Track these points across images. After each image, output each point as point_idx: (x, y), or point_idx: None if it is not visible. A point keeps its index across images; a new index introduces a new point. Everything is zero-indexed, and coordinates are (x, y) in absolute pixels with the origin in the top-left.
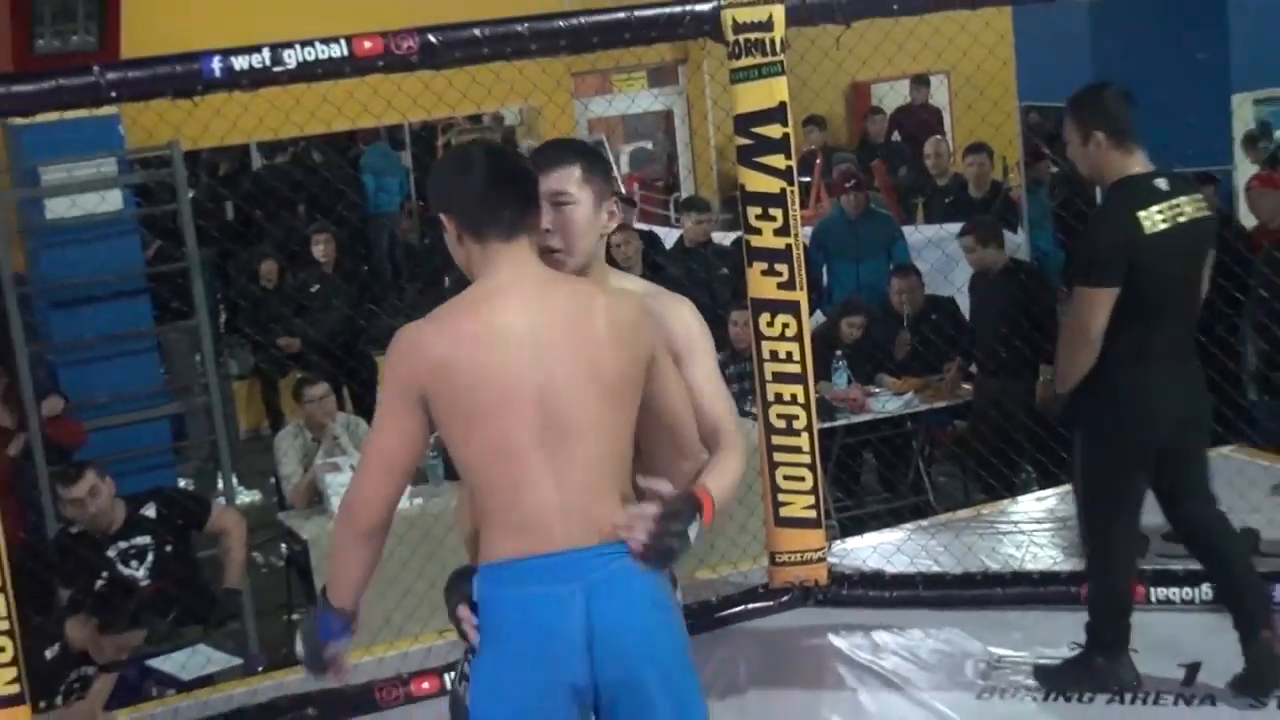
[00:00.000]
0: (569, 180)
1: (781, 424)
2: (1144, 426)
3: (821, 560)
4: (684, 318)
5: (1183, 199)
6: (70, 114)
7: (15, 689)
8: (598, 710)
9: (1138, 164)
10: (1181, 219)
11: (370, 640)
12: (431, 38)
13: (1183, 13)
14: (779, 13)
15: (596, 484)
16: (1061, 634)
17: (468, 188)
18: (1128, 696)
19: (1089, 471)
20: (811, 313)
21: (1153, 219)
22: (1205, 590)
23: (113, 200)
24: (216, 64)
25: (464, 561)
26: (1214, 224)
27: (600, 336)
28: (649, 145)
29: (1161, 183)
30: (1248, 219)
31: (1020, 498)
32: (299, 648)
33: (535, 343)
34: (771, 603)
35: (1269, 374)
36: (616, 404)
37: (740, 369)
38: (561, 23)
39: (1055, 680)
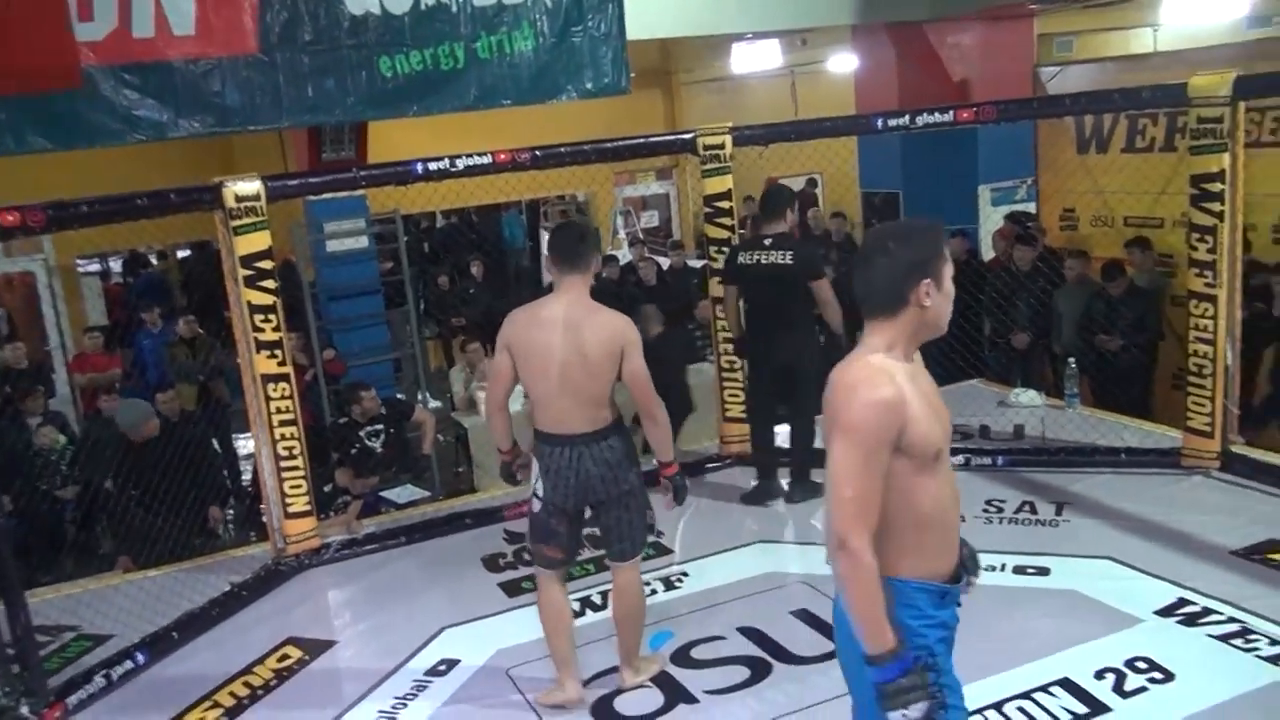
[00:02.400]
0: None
1: (727, 364)
2: (756, 362)
3: (748, 440)
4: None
5: (774, 252)
6: (340, 194)
7: (308, 507)
8: None
9: (766, 230)
10: (763, 260)
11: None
12: (537, 152)
13: (952, 140)
14: (728, 139)
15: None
16: None
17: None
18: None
19: (749, 386)
20: None
21: (746, 258)
22: (960, 459)
23: (361, 241)
24: (420, 166)
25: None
26: (792, 267)
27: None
28: (657, 213)
29: (767, 241)
30: (989, 254)
31: None
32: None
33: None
34: (720, 464)
35: (996, 340)
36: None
37: (705, 333)
38: (609, 144)
39: (747, 498)
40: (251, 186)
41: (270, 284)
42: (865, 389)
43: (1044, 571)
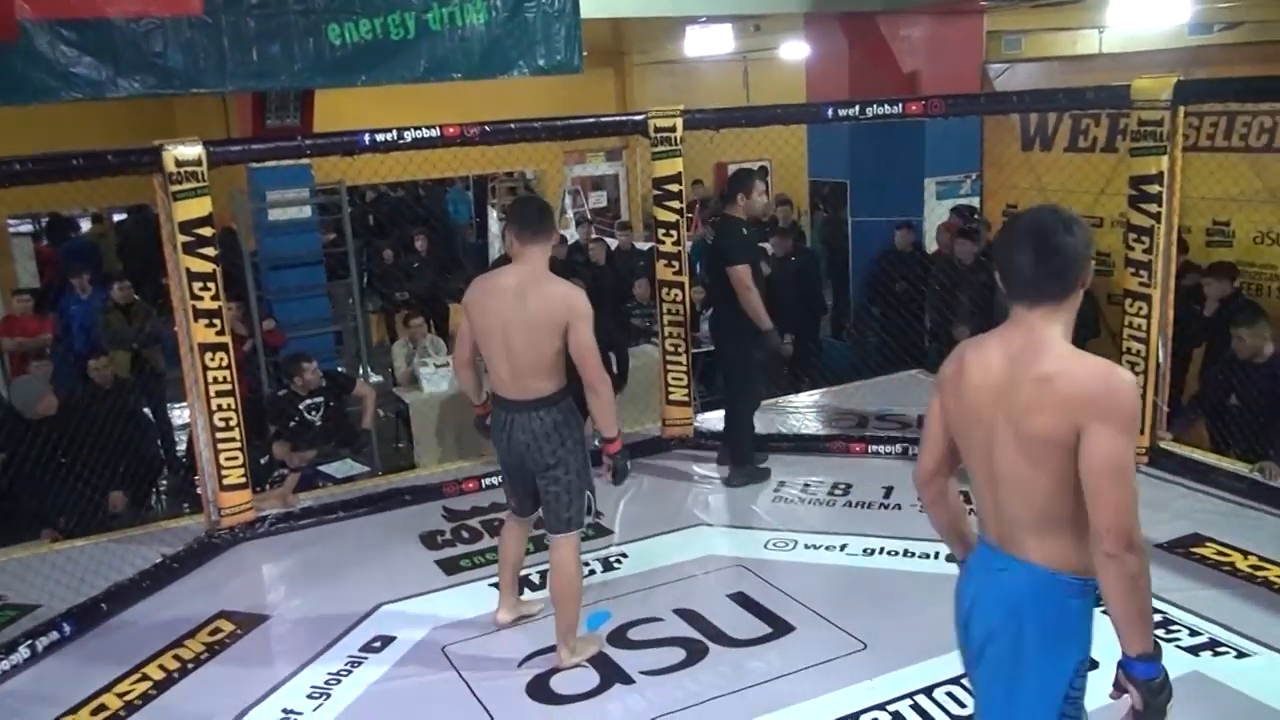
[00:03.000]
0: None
1: (671, 348)
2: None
3: (690, 424)
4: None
5: (712, 232)
6: (284, 162)
7: (244, 479)
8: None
9: (729, 210)
10: (706, 240)
11: (437, 461)
12: (486, 128)
13: (899, 132)
14: (679, 122)
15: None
16: (818, 469)
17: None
18: (853, 502)
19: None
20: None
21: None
22: (899, 447)
23: (305, 211)
24: (367, 137)
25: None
26: (715, 248)
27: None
28: (605, 193)
29: (715, 220)
30: (932, 246)
31: (800, 394)
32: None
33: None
34: (663, 448)
35: (937, 331)
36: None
37: (645, 313)
38: (559, 122)
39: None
40: (193, 151)
41: (210, 251)
42: (1125, 377)
43: None
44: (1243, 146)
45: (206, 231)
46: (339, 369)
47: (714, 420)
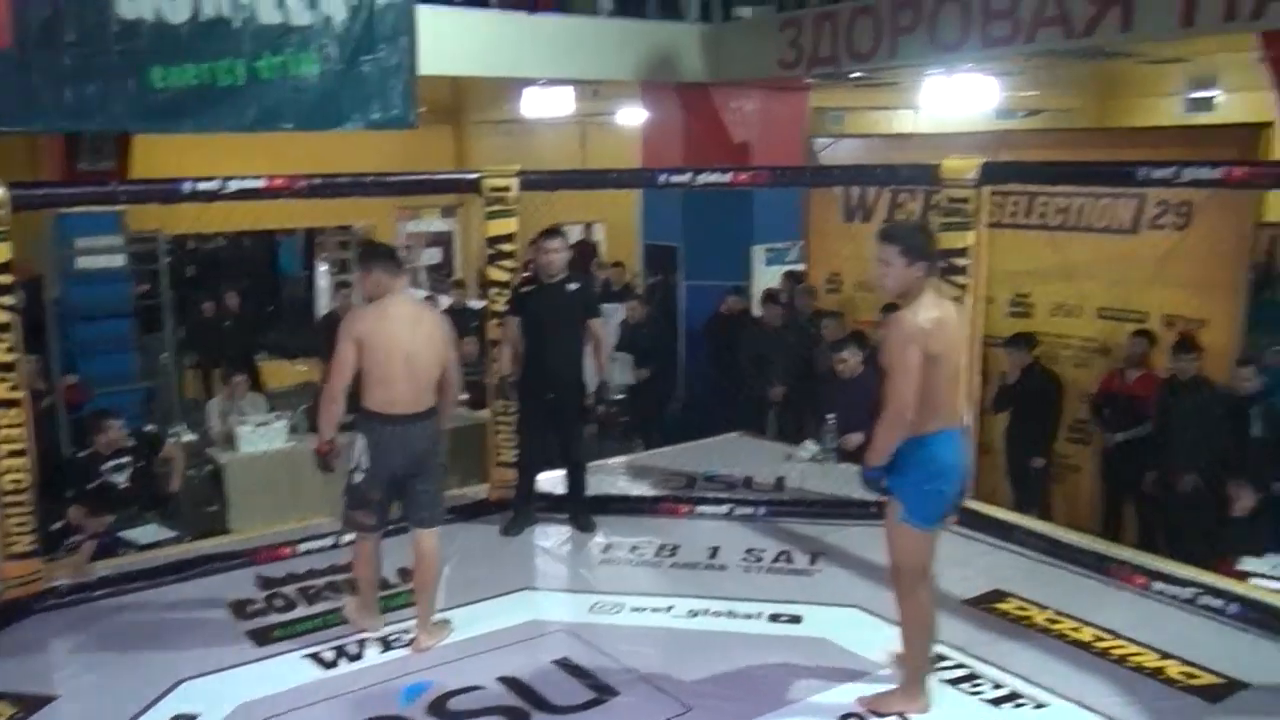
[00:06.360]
0: None
1: (501, 408)
2: (532, 392)
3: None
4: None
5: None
6: (96, 209)
7: (33, 546)
8: None
9: None
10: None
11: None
12: (316, 180)
13: (728, 201)
14: (515, 183)
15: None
16: (646, 530)
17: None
18: (680, 563)
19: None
20: None
21: None
22: (724, 507)
23: (116, 260)
24: (187, 186)
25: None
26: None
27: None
28: (439, 250)
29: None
30: (759, 311)
31: (626, 455)
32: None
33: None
34: (489, 511)
35: (750, 393)
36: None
37: (474, 372)
38: (392, 178)
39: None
40: None
41: (7, 300)
42: None
43: (796, 619)
44: (1041, 224)
45: (5, 280)
46: (149, 428)
47: (547, 482)
